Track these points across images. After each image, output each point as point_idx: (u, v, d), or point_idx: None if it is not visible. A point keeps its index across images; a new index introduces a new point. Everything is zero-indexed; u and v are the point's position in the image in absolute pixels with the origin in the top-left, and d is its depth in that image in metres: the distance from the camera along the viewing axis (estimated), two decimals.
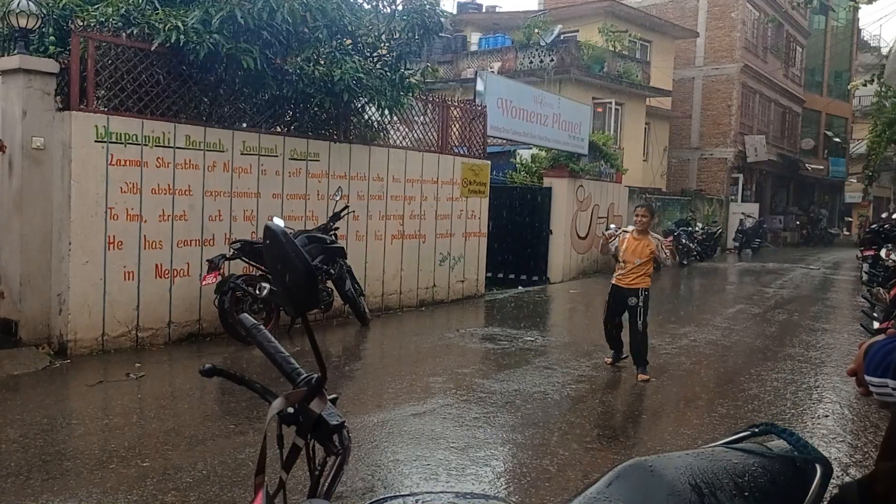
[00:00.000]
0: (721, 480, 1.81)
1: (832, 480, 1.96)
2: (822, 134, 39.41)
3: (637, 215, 7.44)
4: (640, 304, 7.30)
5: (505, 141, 15.31)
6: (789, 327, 10.78)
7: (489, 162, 12.97)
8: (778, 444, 2.04)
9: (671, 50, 27.67)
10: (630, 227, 7.50)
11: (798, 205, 38.07)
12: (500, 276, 14.90)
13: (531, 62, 21.93)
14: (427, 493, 1.50)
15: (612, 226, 8.97)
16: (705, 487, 1.77)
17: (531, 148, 16.52)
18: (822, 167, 38.45)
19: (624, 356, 7.71)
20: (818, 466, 1.93)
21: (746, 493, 1.82)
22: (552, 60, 21.52)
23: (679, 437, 5.53)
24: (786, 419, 6.01)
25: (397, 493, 1.49)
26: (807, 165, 36.00)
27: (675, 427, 5.86)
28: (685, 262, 20.41)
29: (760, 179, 33.20)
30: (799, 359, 8.43)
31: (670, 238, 19.93)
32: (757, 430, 2.13)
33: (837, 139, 39.84)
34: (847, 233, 43.02)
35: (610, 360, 7.77)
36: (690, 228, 21.47)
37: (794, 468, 1.95)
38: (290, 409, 1.47)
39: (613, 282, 7.53)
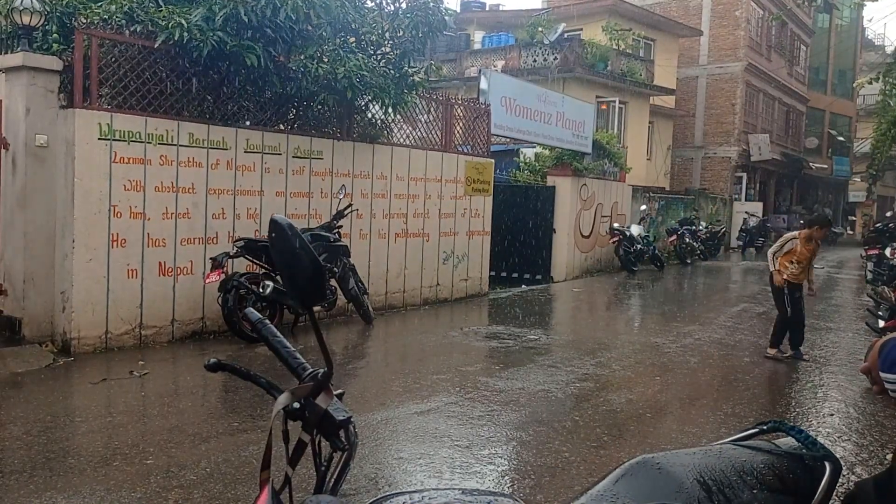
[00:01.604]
0: (729, 477, 1.80)
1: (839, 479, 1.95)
2: (826, 133, 39.33)
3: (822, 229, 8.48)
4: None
5: (509, 139, 15.30)
6: None
7: (493, 160, 12.95)
8: (786, 441, 2.03)
9: (675, 48, 27.63)
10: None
11: (802, 204, 38.01)
12: (504, 274, 14.89)
13: (535, 61, 21.91)
14: (433, 490, 1.49)
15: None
16: (713, 484, 1.76)
17: (535, 146, 16.50)
18: (825, 166, 38.39)
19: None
20: (827, 464, 1.92)
21: (755, 490, 1.81)
22: (556, 59, 21.49)
23: (684, 435, 5.51)
24: (791, 418, 5.99)
25: (403, 490, 1.47)
26: (811, 164, 35.94)
27: (680, 425, 5.84)
28: (689, 261, 20.37)
29: (764, 178, 33.14)
30: (804, 357, 8.39)
31: (673, 237, 19.97)
32: (765, 427, 2.12)
33: (841, 138, 39.77)
34: (851, 232, 42.94)
35: (792, 353, 8.38)
36: (694, 227, 21.44)
37: (803, 465, 1.94)
38: (296, 405, 1.46)
39: (794, 280, 8.39)
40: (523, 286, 14.35)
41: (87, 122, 7.21)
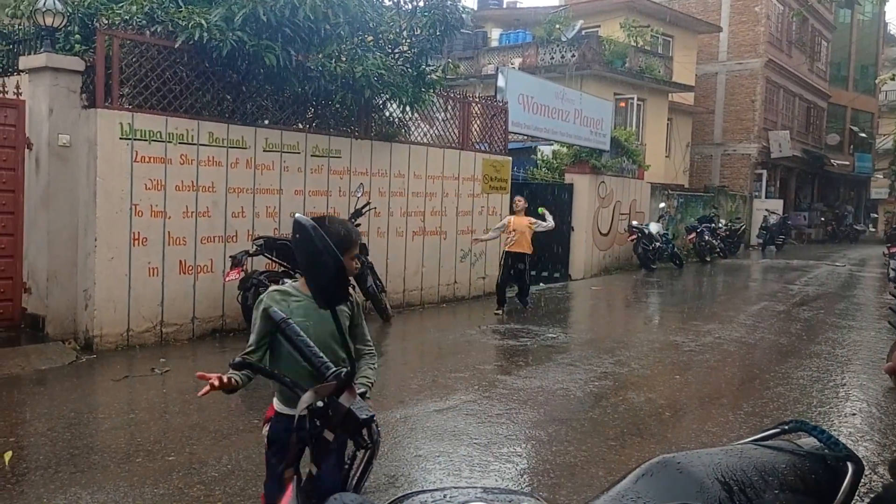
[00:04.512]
0: (751, 477, 1.79)
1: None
2: (847, 129, 38.91)
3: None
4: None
5: (526, 137, 15.26)
6: (815, 325, 10.65)
7: (510, 158, 12.94)
8: (808, 441, 2.02)
9: (694, 45, 27.42)
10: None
11: (823, 201, 37.62)
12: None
13: (552, 58, 21.84)
14: (454, 488, 1.50)
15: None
16: (735, 484, 1.76)
17: (552, 144, 16.45)
18: (847, 163, 37.97)
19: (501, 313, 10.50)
20: (850, 464, 1.91)
21: (776, 491, 1.80)
22: (573, 56, 21.41)
23: (704, 434, 5.49)
24: (812, 417, 5.94)
25: (424, 489, 1.48)
26: (832, 161, 35.56)
27: (700, 425, 5.81)
28: (708, 259, 20.23)
29: (785, 175, 32.84)
30: (825, 356, 8.33)
31: (692, 235, 19.84)
32: (787, 427, 2.11)
33: (863, 134, 39.33)
34: (873, 229, 42.45)
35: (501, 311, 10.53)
36: (713, 225, 21.27)
37: (825, 466, 1.93)
38: (320, 403, 1.48)
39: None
40: (541, 284, 14.30)
41: (108, 121, 7.28)
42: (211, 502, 4.00)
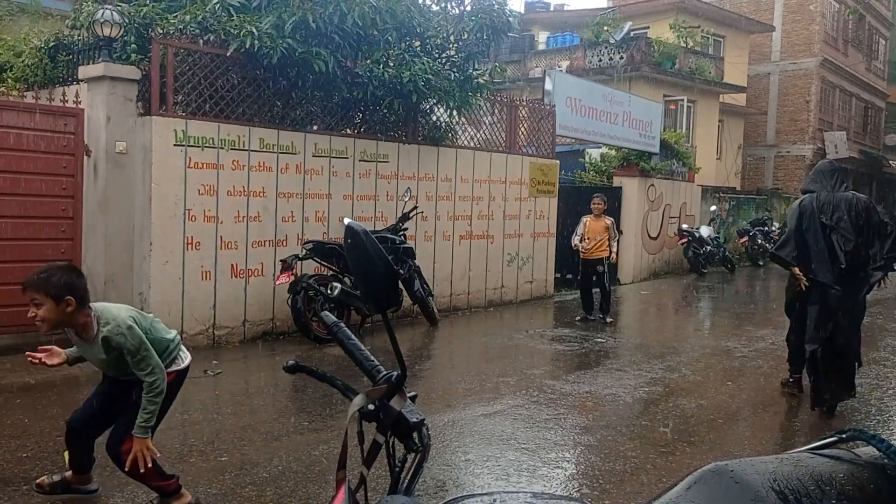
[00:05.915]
0: (807, 487, 1.75)
1: None
2: None
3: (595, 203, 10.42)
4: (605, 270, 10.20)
5: (574, 140, 15.17)
6: (872, 330, 10.33)
7: (558, 161, 12.87)
8: (867, 450, 1.96)
9: (746, 45, 26.94)
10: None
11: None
12: (570, 276, 14.74)
13: (600, 60, 21.69)
14: (503, 492, 1.50)
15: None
16: (790, 494, 1.72)
17: (601, 147, 16.32)
18: None
19: (592, 318, 10.33)
20: None
21: (834, 501, 1.76)
22: (622, 58, 21.23)
23: (757, 442, 5.38)
24: (871, 426, 5.78)
25: (473, 493, 1.48)
26: (890, 162, 34.56)
27: (753, 432, 5.70)
28: (761, 263, 19.82)
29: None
30: (884, 363, 8.09)
31: (745, 238, 19.45)
32: (844, 435, 2.05)
33: None
34: None
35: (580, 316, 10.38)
36: (766, 228, 20.81)
37: (885, 476, 1.88)
38: (371, 406, 1.49)
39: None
40: None
41: (163, 128, 7.46)
42: (262, 503, 4.06)
